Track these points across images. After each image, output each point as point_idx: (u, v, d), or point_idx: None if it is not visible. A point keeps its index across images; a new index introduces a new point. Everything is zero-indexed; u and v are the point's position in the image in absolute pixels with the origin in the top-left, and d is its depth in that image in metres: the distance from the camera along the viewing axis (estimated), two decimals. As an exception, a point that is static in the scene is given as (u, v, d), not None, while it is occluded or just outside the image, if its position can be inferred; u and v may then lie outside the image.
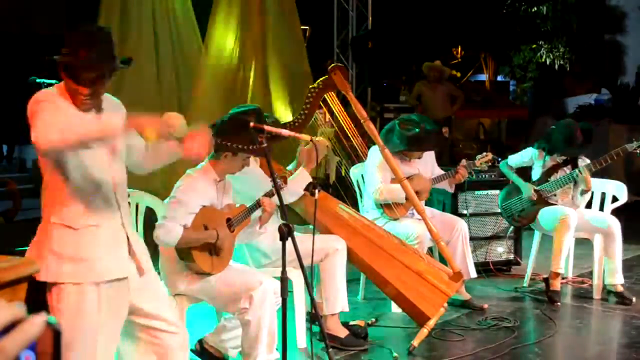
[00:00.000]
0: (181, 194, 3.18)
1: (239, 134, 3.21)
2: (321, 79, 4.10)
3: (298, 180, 3.76)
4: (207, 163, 3.33)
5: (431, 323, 3.84)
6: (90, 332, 2.34)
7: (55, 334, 0.79)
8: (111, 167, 2.47)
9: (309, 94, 4.05)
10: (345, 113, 4.15)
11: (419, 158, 4.65)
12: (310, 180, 3.79)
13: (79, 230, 2.38)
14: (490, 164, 4.77)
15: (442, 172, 4.74)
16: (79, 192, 2.38)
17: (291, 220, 3.66)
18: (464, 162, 4.68)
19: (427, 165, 4.73)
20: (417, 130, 4.45)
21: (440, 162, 5.11)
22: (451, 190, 4.86)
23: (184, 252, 3.16)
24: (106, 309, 2.37)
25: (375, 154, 4.47)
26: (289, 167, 4.20)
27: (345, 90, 4.06)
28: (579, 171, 4.79)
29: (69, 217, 2.38)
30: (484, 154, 4.75)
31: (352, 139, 4.19)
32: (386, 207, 4.53)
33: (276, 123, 3.85)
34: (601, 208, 5.14)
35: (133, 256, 2.52)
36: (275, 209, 3.49)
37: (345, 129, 4.14)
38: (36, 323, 0.77)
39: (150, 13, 6.98)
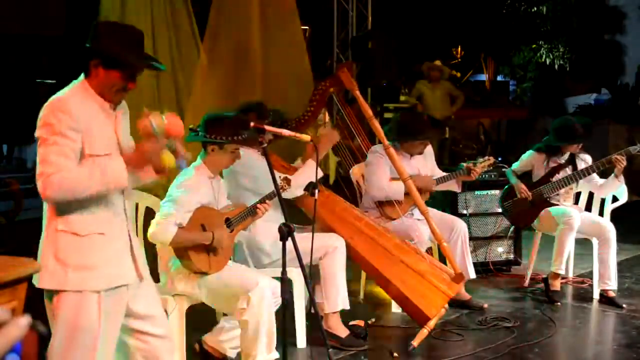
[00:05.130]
0: (178, 192, 3.19)
1: (222, 127, 3.25)
2: (328, 77, 4.06)
3: (302, 174, 3.76)
4: (200, 162, 3.35)
5: (431, 323, 3.83)
6: (89, 339, 2.32)
7: (39, 336, 0.79)
8: None
9: (316, 92, 4.00)
10: (349, 110, 4.12)
11: (420, 154, 4.63)
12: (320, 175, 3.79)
13: (85, 237, 2.35)
14: (492, 167, 4.75)
15: (444, 174, 4.72)
16: (88, 200, 2.32)
17: (296, 220, 3.68)
18: (469, 164, 4.63)
19: (427, 166, 4.73)
20: (417, 117, 4.53)
21: (441, 162, 5.11)
22: (458, 189, 4.84)
23: (181, 251, 3.16)
24: (105, 315, 2.35)
25: (374, 153, 4.47)
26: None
27: (352, 89, 3.98)
28: (618, 156, 4.61)
29: (76, 224, 2.34)
30: (486, 157, 4.71)
31: (357, 137, 4.17)
32: (385, 206, 4.52)
33: (277, 114, 3.84)
34: (601, 208, 5.14)
35: (134, 262, 2.50)
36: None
37: (351, 127, 4.11)
38: (20, 325, 0.77)
39: (149, 15, 6.98)
